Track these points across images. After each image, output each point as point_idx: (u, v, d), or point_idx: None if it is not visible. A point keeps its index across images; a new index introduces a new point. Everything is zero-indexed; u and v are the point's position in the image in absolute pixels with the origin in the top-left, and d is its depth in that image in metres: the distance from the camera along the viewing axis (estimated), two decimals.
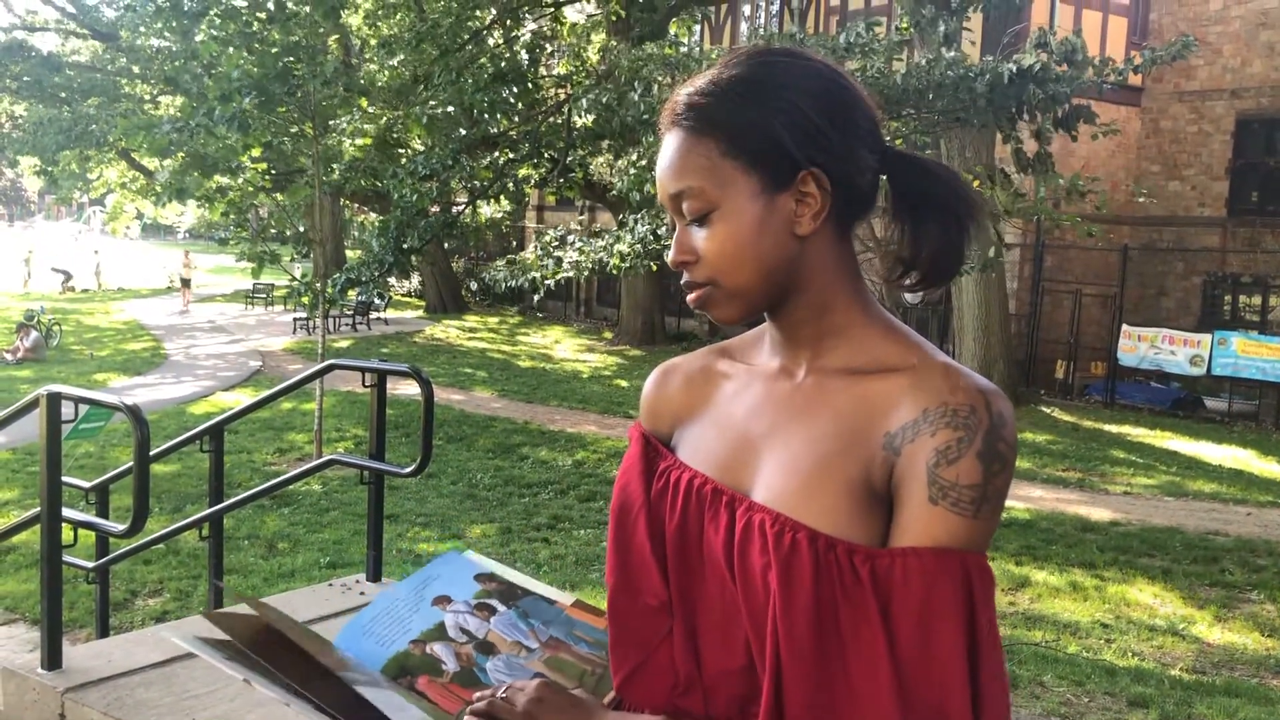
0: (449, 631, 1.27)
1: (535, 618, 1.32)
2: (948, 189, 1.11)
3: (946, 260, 1.12)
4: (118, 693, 3.69)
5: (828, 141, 1.08)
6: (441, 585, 1.33)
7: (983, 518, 1.01)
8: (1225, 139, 18.98)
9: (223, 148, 11.44)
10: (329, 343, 12.91)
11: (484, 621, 1.29)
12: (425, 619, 1.28)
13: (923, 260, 1.11)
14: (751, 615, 1.05)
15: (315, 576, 7.08)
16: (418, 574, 1.34)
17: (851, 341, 1.12)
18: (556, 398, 15.77)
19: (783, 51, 1.12)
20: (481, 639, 1.27)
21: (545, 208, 28.65)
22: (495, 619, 1.30)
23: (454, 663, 1.24)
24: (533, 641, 1.28)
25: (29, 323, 19.59)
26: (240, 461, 10.62)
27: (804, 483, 1.06)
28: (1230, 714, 4.96)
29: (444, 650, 1.25)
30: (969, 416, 1.02)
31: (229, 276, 35.11)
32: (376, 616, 1.28)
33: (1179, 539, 9.03)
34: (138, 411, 3.90)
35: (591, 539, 8.46)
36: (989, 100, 9.77)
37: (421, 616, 1.28)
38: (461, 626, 1.28)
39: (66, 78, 25.94)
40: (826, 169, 1.08)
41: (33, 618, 6.24)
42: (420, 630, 1.27)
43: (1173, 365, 16.82)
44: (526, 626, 1.30)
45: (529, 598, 1.35)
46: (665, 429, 1.24)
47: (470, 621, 1.29)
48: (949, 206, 1.11)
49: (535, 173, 16.49)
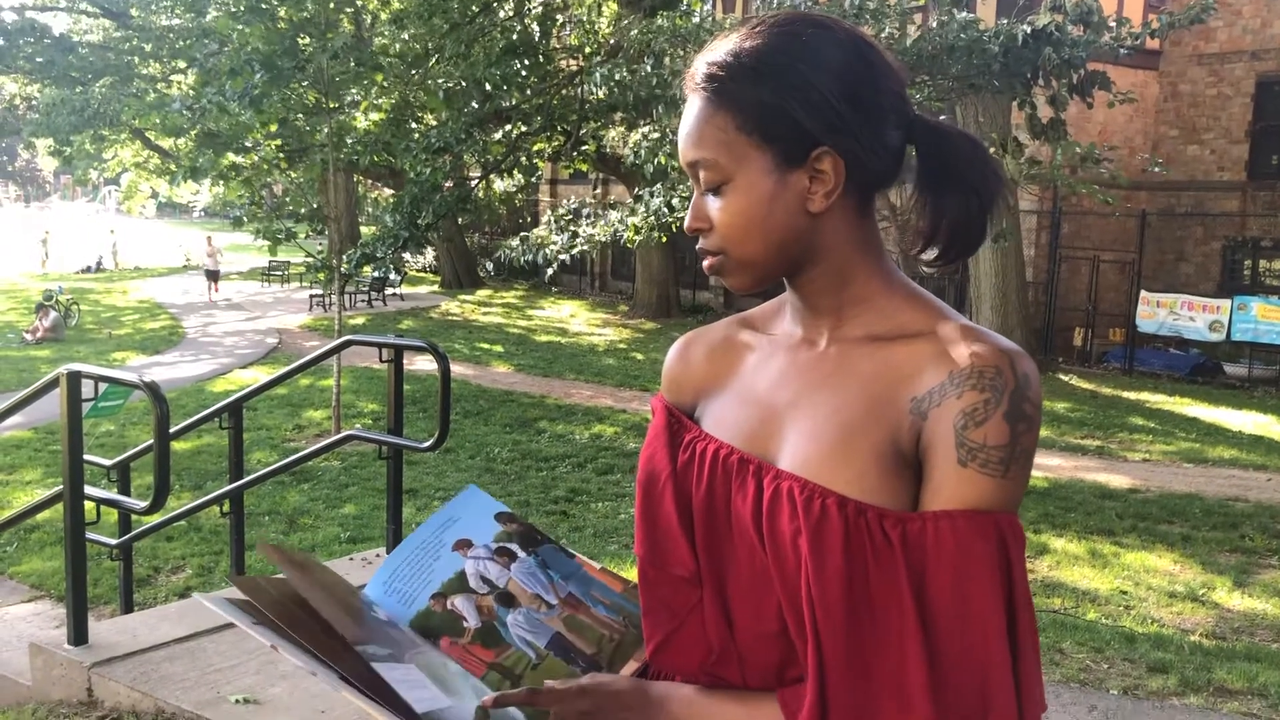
0: (470, 581, 1.29)
1: (554, 569, 1.33)
2: (970, 162, 1.10)
3: (965, 235, 1.11)
4: (144, 667, 3.74)
5: (845, 120, 1.07)
6: (462, 528, 1.34)
7: (1012, 478, 1.02)
8: (1245, 101, 18.75)
9: (235, 124, 11.44)
10: (345, 319, 12.94)
11: (504, 569, 1.31)
12: (447, 566, 1.30)
13: (941, 234, 1.11)
14: (784, 582, 1.05)
15: (336, 551, 7.13)
16: (438, 514, 1.35)
17: (874, 310, 1.12)
18: (572, 371, 15.79)
19: (808, 20, 1.10)
20: (502, 588, 1.29)
21: (559, 181, 28.56)
22: (515, 566, 1.31)
23: (475, 618, 1.25)
24: (552, 596, 1.30)
25: (48, 303, 19.73)
26: (259, 438, 10.68)
27: (831, 450, 1.07)
28: (1250, 679, 4.95)
29: (465, 604, 1.26)
30: (995, 378, 1.02)
31: (245, 254, 35.20)
32: (398, 569, 1.29)
33: (1198, 505, 8.99)
34: (157, 389, 3.93)
35: (609, 512, 8.49)
36: (1004, 65, 9.66)
37: (443, 564, 1.30)
38: (482, 575, 1.30)
39: (79, 57, 25.95)
40: (842, 147, 1.07)
41: (58, 594, 6.31)
42: (441, 581, 1.28)
43: (1192, 331, 16.70)
44: (546, 578, 1.31)
45: (547, 545, 1.36)
46: (688, 401, 1.25)
47: (491, 569, 1.30)
48: (970, 180, 1.10)
49: (548, 146, 16.43)
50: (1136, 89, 16.80)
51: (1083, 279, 18.33)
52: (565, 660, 1.24)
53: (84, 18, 30.63)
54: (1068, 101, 10.30)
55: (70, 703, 3.73)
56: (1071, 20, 9.77)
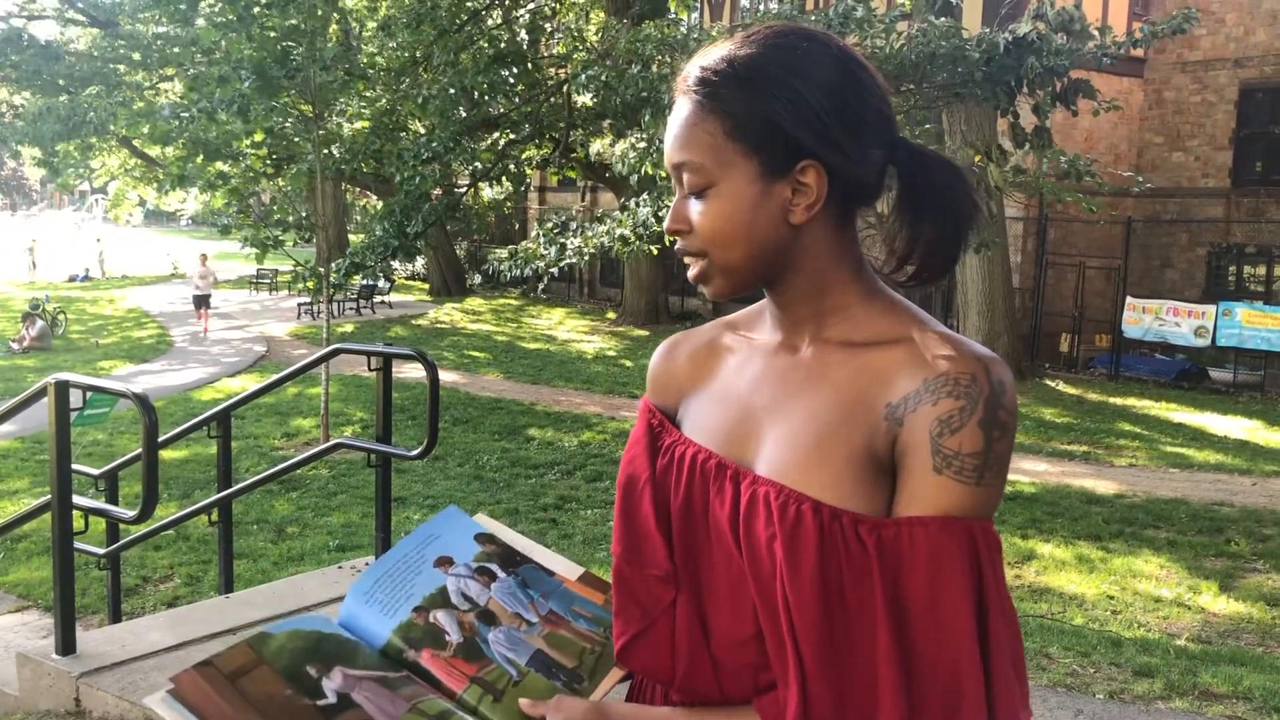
0: (451, 597, 1.29)
1: (534, 588, 1.33)
2: (948, 189, 1.12)
3: (938, 259, 1.13)
4: (131, 677, 3.73)
5: (831, 135, 1.08)
6: (442, 545, 1.35)
7: (986, 484, 1.03)
8: (1229, 109, 18.87)
9: (223, 133, 11.43)
10: (333, 327, 12.93)
11: (484, 588, 1.31)
12: (428, 582, 1.30)
13: (915, 256, 1.13)
14: (759, 587, 1.07)
15: (324, 559, 7.12)
16: (419, 530, 1.36)
17: (852, 318, 1.13)
18: (561, 379, 15.79)
19: (802, 34, 1.12)
20: (483, 606, 1.29)
21: (547, 188, 28.58)
22: (495, 585, 1.32)
23: (457, 633, 1.25)
24: (532, 615, 1.30)
25: (34, 312, 19.64)
26: (248, 447, 10.66)
27: (807, 455, 1.08)
28: (1235, 683, 4.98)
29: (447, 619, 1.26)
30: (970, 385, 1.04)
31: (233, 262, 35.09)
32: (380, 580, 1.29)
33: (1184, 510, 9.04)
34: (145, 399, 3.93)
35: (598, 519, 8.50)
36: (986, 73, 9.72)
37: (424, 579, 1.30)
38: (463, 592, 1.30)
39: (66, 65, 25.85)
40: (826, 162, 1.09)
41: (45, 604, 6.29)
42: (423, 595, 1.28)
43: (1177, 337, 16.79)
44: (526, 598, 1.32)
45: (527, 565, 1.37)
46: (672, 402, 1.27)
47: (471, 587, 1.31)
48: (947, 207, 1.12)
49: (537, 154, 16.44)
50: (1121, 96, 16.91)
51: (1069, 285, 18.42)
52: (546, 676, 1.24)
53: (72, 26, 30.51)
54: (1051, 110, 10.36)
55: (58, 713, 3.73)
56: (1053, 29, 9.84)
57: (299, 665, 1.17)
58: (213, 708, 1.10)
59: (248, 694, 1.13)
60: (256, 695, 1.13)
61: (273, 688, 1.15)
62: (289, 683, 1.16)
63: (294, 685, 1.15)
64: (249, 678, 1.15)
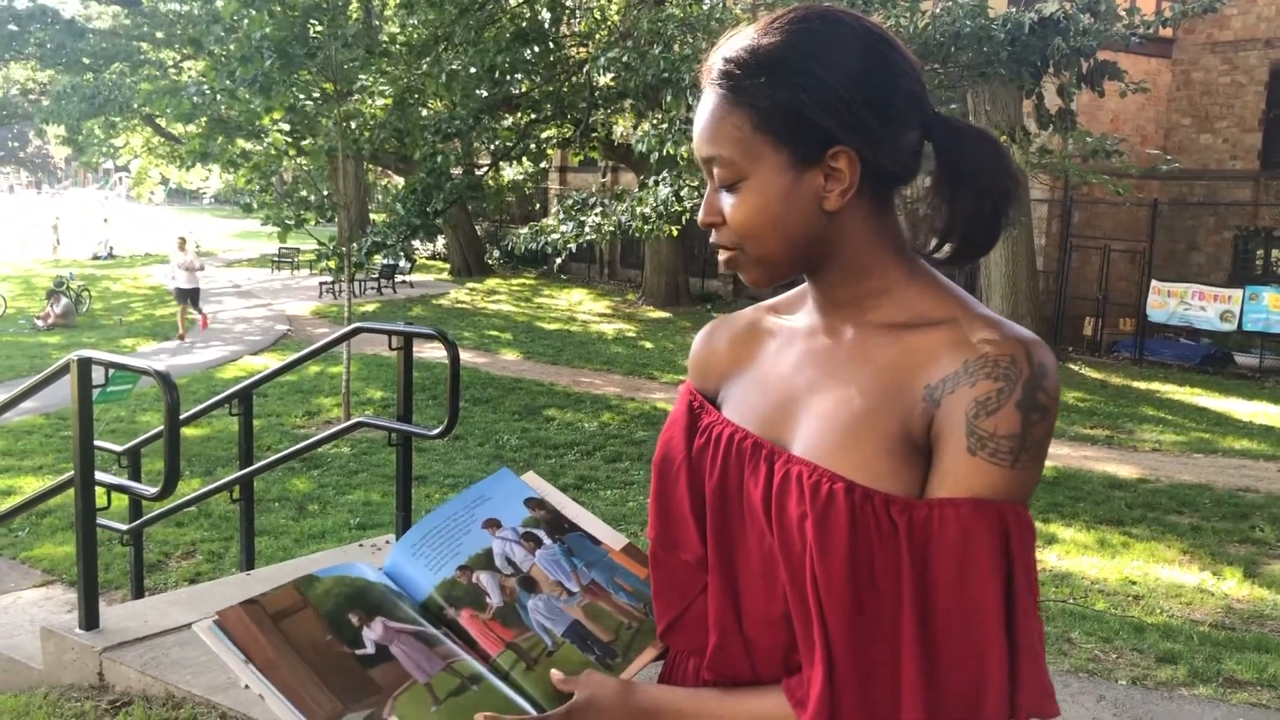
0: (495, 560, 1.30)
1: (579, 557, 1.34)
2: (988, 164, 1.10)
3: (978, 237, 1.11)
4: (154, 652, 3.76)
5: (860, 121, 1.06)
6: (492, 507, 1.36)
7: (1021, 468, 1.02)
8: (1259, 90, 18.62)
9: (245, 110, 11.43)
10: (355, 306, 12.95)
11: (529, 554, 1.32)
12: (475, 542, 1.31)
13: (955, 234, 1.11)
14: (789, 566, 1.07)
15: (345, 537, 7.16)
16: (470, 490, 1.37)
17: (894, 300, 1.12)
18: (581, 360, 15.79)
19: (826, 16, 1.10)
20: (525, 573, 1.30)
21: (568, 169, 28.52)
22: (540, 552, 1.33)
23: (498, 596, 1.27)
24: (574, 584, 1.31)
25: (59, 289, 19.78)
26: (269, 425, 10.71)
27: (842, 435, 1.08)
28: (1260, 669, 4.94)
29: (489, 581, 1.28)
30: (1009, 367, 1.03)
31: (255, 241, 35.24)
32: (428, 534, 1.31)
33: (1208, 496, 8.97)
34: (167, 376, 3.94)
35: (617, 499, 8.50)
36: (1011, 53, 9.62)
37: (472, 539, 1.31)
38: (508, 556, 1.31)
39: (89, 43, 25.95)
40: (858, 147, 1.07)
41: (69, 579, 6.34)
42: (469, 554, 1.30)
43: (1202, 321, 16.64)
44: (569, 566, 1.32)
45: (574, 533, 1.37)
46: (713, 386, 1.27)
47: (516, 552, 1.32)
48: (987, 183, 1.10)
49: (558, 133, 16.39)
50: (1149, 77, 16.73)
51: (1093, 268, 18.26)
52: (581, 648, 1.25)
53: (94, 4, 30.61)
54: (1076, 92, 10.25)
55: (81, 687, 3.76)
56: (1080, 8, 9.72)
57: (342, 612, 1.20)
58: (254, 644, 1.15)
59: (290, 636, 1.17)
60: (298, 638, 1.17)
61: (314, 633, 1.18)
62: (330, 628, 1.19)
63: (335, 632, 1.19)
64: (292, 620, 1.18)
